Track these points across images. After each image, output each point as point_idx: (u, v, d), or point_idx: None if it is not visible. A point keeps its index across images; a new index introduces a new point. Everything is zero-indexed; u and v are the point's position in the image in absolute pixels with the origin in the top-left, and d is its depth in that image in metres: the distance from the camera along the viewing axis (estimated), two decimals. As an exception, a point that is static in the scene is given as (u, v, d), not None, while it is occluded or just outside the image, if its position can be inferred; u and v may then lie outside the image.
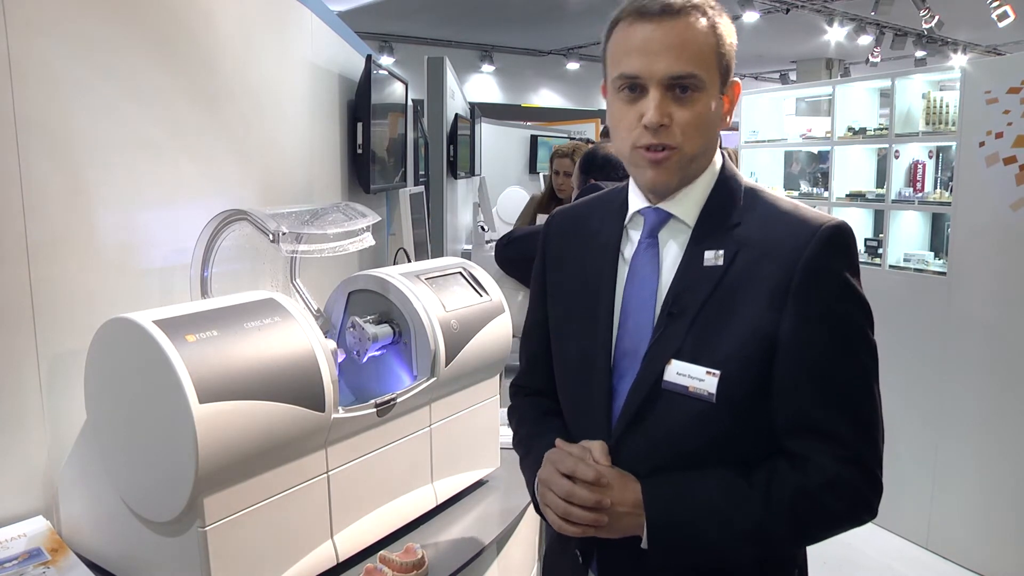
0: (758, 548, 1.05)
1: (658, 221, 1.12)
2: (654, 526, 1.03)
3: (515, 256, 2.48)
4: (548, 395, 1.26)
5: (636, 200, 1.15)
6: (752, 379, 1.03)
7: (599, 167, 2.55)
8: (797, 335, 1.01)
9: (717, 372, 1.02)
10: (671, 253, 1.10)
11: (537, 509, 1.18)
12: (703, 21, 1.03)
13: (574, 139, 7.53)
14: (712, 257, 1.06)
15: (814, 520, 1.04)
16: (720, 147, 1.14)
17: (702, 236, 1.08)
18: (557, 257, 1.25)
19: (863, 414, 1.04)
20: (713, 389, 1.02)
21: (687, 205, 1.10)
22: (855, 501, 1.04)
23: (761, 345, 1.02)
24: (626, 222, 1.16)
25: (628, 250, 1.15)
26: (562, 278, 1.23)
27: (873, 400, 1.05)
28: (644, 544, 1.04)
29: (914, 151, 3.79)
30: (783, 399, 1.03)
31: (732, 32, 1.07)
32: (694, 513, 1.03)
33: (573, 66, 12.77)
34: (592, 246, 1.18)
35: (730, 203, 1.10)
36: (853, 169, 4.14)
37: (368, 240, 1.55)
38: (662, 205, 1.11)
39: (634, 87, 1.04)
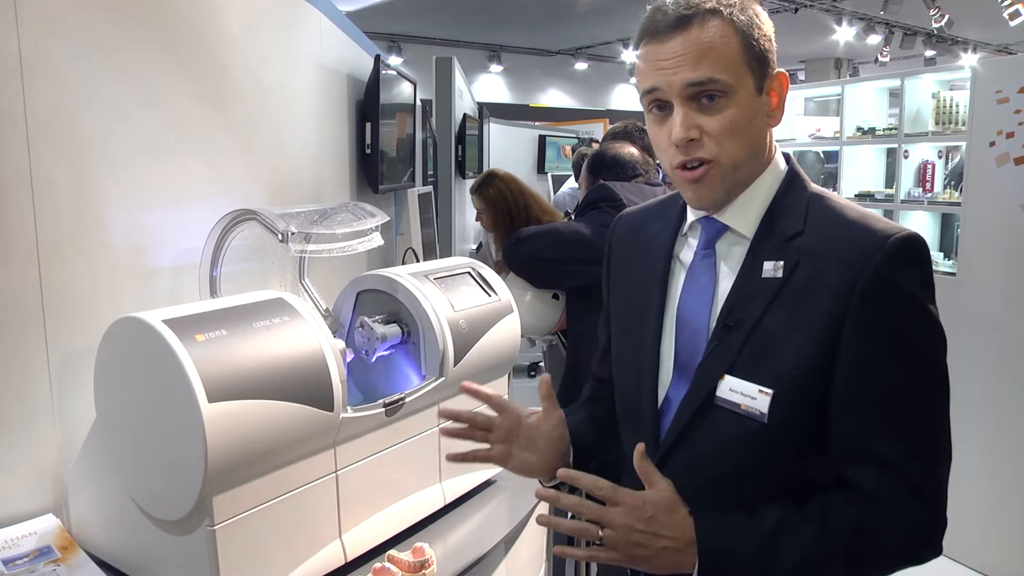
0: None
1: (714, 232, 1.06)
2: (707, 565, 0.97)
3: (524, 256, 2.48)
4: (610, 384, 1.24)
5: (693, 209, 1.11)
6: (807, 400, 0.97)
7: (608, 167, 2.55)
8: (858, 356, 0.95)
9: (770, 391, 0.96)
10: (729, 264, 1.05)
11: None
12: (717, 23, 0.97)
13: (581, 139, 7.53)
14: (771, 269, 1.00)
15: (872, 557, 0.98)
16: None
17: (760, 247, 1.02)
18: (620, 260, 1.23)
19: (927, 445, 0.99)
20: (765, 408, 0.96)
21: (744, 215, 1.04)
22: (915, 537, 0.99)
23: (818, 364, 0.96)
24: (685, 230, 1.11)
25: (686, 256, 1.10)
26: (621, 282, 1.21)
27: (940, 431, 0.99)
28: None
29: (923, 151, 3.78)
30: (841, 423, 0.97)
31: (762, 22, 1.00)
32: (750, 552, 0.97)
33: (581, 66, 12.75)
34: (649, 252, 1.15)
35: (792, 210, 1.03)
36: (862, 169, 4.12)
37: (377, 240, 1.55)
38: (717, 216, 1.05)
39: (662, 105, 1.00)
